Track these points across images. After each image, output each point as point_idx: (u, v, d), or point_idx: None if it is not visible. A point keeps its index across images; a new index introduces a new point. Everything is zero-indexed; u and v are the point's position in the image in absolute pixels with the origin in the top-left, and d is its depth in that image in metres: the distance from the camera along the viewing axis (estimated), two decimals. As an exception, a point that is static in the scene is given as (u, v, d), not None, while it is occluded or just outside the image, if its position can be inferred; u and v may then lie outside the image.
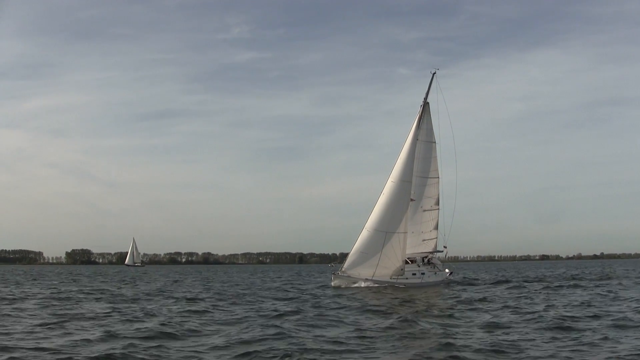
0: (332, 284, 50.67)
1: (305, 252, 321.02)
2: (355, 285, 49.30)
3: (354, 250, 50.65)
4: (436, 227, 53.66)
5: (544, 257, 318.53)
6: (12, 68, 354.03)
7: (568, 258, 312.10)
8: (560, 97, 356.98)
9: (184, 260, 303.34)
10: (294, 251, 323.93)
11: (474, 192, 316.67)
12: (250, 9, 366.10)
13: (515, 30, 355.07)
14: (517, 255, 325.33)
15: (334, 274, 51.17)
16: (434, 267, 53.70)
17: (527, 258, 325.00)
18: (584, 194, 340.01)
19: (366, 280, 49.66)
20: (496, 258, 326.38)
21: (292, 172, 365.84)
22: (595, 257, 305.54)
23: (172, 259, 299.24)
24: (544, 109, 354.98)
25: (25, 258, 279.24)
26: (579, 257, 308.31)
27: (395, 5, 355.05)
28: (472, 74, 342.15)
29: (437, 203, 53.60)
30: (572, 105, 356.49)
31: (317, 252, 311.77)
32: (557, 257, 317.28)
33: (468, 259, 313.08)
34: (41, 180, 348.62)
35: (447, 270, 55.13)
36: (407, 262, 51.61)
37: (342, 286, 49.30)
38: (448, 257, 56.75)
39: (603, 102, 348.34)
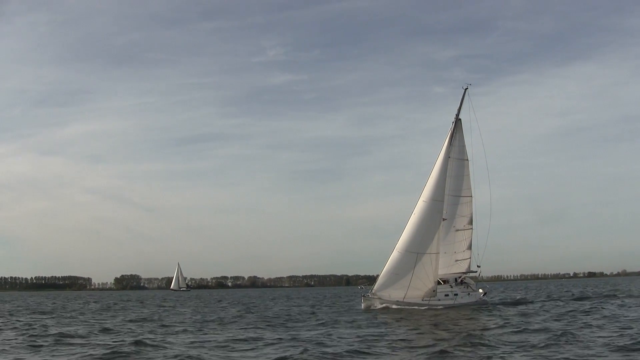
0: (362, 306, 49.41)
1: (350, 274, 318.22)
2: (386, 307, 48.09)
3: (384, 272, 49.37)
4: (469, 247, 51.93)
5: (591, 275, 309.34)
6: (50, 95, 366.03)
7: (612, 275, 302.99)
8: (598, 111, 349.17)
9: (230, 284, 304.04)
10: (338, 273, 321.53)
11: (514, 209, 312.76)
12: (285, 31, 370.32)
13: (551, 45, 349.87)
14: (561, 273, 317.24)
15: (363, 296, 49.94)
16: (467, 287, 52.04)
17: (574, 276, 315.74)
18: (626, 209, 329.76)
19: (397, 302, 48.39)
20: (539, 276, 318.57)
21: (331, 194, 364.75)
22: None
23: (219, 283, 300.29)
24: (582, 124, 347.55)
25: (75, 284, 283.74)
26: (625, 274, 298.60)
27: (430, 24, 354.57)
28: (509, 90, 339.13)
29: (470, 222, 51.91)
30: (611, 119, 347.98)
31: (361, 273, 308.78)
32: (602, 274, 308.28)
33: (511, 277, 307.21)
34: (81, 206, 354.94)
35: (480, 291, 53.30)
36: (439, 283, 50.16)
37: (373, 308, 48.15)
38: (491, 276, 55.04)
39: None
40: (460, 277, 52.17)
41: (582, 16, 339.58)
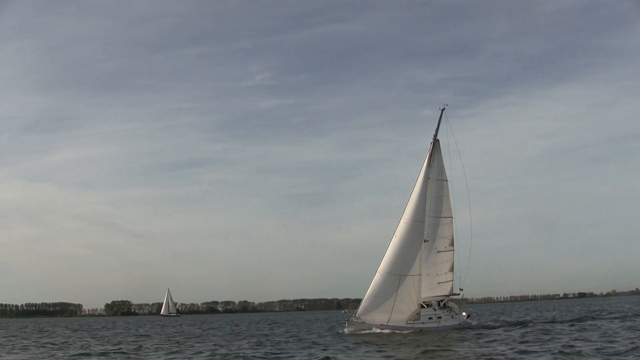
0: (346, 330, 48.97)
1: (340, 298, 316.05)
2: (371, 331, 47.69)
3: (367, 295, 49.01)
4: (451, 269, 51.64)
5: (581, 295, 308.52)
6: (38, 122, 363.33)
7: (602, 295, 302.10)
8: (585, 131, 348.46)
9: (221, 309, 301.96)
10: (329, 297, 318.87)
11: (503, 230, 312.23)
12: (272, 55, 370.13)
13: (538, 67, 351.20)
14: (551, 294, 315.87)
15: (347, 320, 49.50)
16: (451, 311, 51.68)
17: (565, 296, 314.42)
18: (615, 229, 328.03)
19: (381, 326, 48.00)
20: (529, 297, 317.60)
21: (320, 217, 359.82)
22: (632, 293, 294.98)
23: (210, 308, 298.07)
24: (570, 145, 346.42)
25: (66, 310, 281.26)
26: (615, 294, 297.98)
27: (417, 47, 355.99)
28: (496, 112, 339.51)
29: (452, 244, 51.73)
30: (598, 139, 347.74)
31: (352, 297, 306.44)
32: (592, 295, 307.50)
33: (501, 299, 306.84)
34: (70, 232, 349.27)
35: (464, 314, 52.96)
36: (422, 307, 49.83)
37: (357, 333, 47.73)
38: (481, 298, 54.84)
39: (629, 135, 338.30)
40: (443, 300, 51.89)
41: (569, 37, 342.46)
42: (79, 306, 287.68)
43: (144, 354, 35.93)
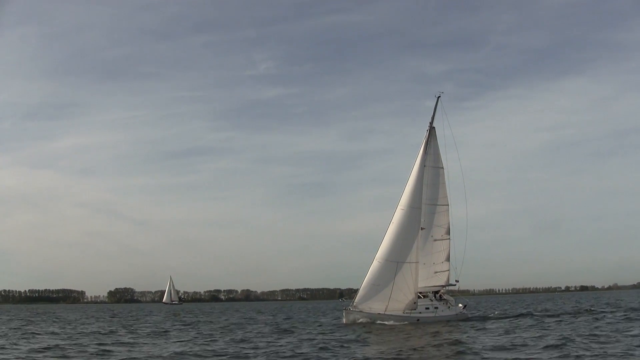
0: (344, 320, 48.59)
1: (342, 288, 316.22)
2: (368, 320, 47.45)
3: (365, 283, 48.47)
4: (448, 259, 51.18)
5: (583, 288, 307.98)
6: (41, 108, 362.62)
7: (604, 289, 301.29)
8: (589, 125, 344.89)
9: (224, 297, 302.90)
10: (331, 286, 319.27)
11: (505, 223, 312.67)
12: (276, 45, 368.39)
13: (542, 60, 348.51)
14: (552, 287, 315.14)
15: (345, 310, 49.21)
16: (447, 303, 51.45)
17: (566, 289, 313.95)
18: (618, 222, 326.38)
19: (379, 315, 47.75)
20: (531, 290, 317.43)
21: (323, 207, 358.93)
22: (634, 286, 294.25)
23: (213, 297, 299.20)
24: (573, 138, 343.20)
25: (69, 297, 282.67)
26: (616, 288, 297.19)
27: (422, 38, 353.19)
28: (500, 104, 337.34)
29: (448, 232, 51.23)
30: (601, 133, 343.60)
31: (354, 287, 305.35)
32: (594, 288, 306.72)
33: (502, 291, 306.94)
34: (72, 219, 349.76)
35: (460, 305, 52.75)
36: (419, 297, 49.59)
37: (355, 322, 47.50)
38: (483, 289, 54.54)
39: (633, 129, 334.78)
40: (438, 292, 51.60)
41: (573, 31, 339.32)
42: (82, 293, 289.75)
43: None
